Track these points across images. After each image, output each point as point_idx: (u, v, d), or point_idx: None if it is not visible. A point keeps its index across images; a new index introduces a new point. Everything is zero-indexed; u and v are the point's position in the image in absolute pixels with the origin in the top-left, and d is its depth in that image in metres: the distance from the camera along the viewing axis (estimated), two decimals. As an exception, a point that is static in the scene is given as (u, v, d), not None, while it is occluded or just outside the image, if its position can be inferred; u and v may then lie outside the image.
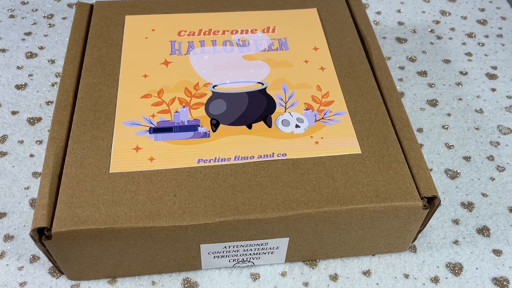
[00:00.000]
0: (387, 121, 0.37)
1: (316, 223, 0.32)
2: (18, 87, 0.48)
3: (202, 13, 0.45)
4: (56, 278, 0.36)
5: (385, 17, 0.58)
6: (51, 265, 0.36)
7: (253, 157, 0.34)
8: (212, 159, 0.34)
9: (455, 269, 0.37)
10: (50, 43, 0.53)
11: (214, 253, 0.34)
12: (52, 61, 0.51)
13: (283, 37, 0.43)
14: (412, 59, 0.53)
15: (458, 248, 0.38)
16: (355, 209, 0.32)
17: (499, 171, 0.43)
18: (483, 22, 0.58)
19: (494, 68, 0.53)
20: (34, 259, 0.36)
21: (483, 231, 0.39)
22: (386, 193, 0.32)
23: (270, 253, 0.35)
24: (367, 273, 0.37)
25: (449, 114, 0.48)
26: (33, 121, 0.45)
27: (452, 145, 0.45)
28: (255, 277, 0.36)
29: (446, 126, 0.47)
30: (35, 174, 0.41)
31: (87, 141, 0.34)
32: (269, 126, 0.36)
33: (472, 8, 0.60)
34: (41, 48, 0.52)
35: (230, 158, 0.34)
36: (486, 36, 0.56)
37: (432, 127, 0.47)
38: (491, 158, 0.44)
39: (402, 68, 0.52)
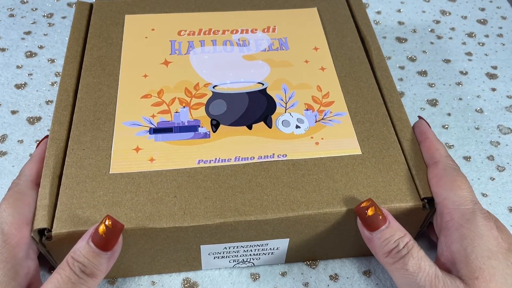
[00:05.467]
0: (387, 121, 0.37)
1: (316, 224, 0.32)
2: (18, 86, 0.48)
3: (202, 13, 0.45)
4: (56, 278, 0.36)
5: (385, 17, 0.58)
6: (51, 265, 0.36)
7: (254, 157, 0.34)
8: (212, 160, 0.34)
9: (455, 269, 0.37)
10: (50, 43, 0.53)
11: (214, 253, 0.34)
12: (52, 61, 0.51)
13: (283, 37, 0.43)
14: (412, 59, 0.53)
15: (458, 248, 0.38)
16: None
17: (499, 171, 0.43)
18: (483, 22, 0.58)
19: (494, 67, 0.53)
20: (34, 259, 0.36)
21: (483, 231, 0.39)
22: (386, 194, 0.32)
23: (270, 253, 0.35)
24: (367, 273, 0.37)
25: (449, 114, 0.48)
26: (32, 120, 0.45)
27: (452, 145, 0.45)
28: (255, 277, 0.36)
29: (446, 126, 0.47)
30: (35, 174, 0.41)
31: (87, 141, 0.34)
32: (270, 126, 0.36)
33: (472, 8, 0.60)
34: (41, 47, 0.52)
35: (231, 159, 0.34)
36: (487, 36, 0.56)
37: (432, 127, 0.47)
38: (491, 158, 0.44)
39: (402, 68, 0.52)
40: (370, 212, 0.30)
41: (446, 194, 0.31)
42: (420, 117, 0.36)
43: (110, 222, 0.28)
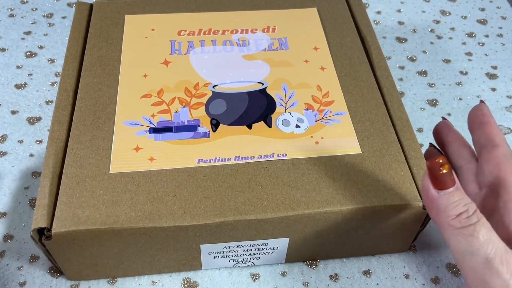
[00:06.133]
0: (387, 121, 0.37)
1: (316, 224, 0.32)
2: (18, 86, 0.48)
3: (202, 13, 0.45)
4: (56, 278, 0.36)
5: (385, 17, 0.58)
6: (51, 265, 0.36)
7: (253, 157, 0.34)
8: (212, 159, 0.34)
9: (455, 269, 0.37)
10: (49, 43, 0.53)
11: (214, 253, 0.34)
12: (52, 61, 0.51)
13: (283, 36, 0.43)
14: (412, 59, 0.53)
15: (458, 248, 0.38)
16: (355, 209, 0.32)
17: (499, 171, 0.43)
18: (483, 22, 0.58)
19: (494, 67, 0.53)
20: (33, 259, 0.36)
21: (483, 231, 0.39)
22: (386, 193, 0.32)
23: (270, 253, 0.35)
24: (367, 273, 0.37)
25: (449, 114, 0.48)
26: (32, 120, 0.45)
27: (452, 145, 0.45)
28: (255, 277, 0.36)
29: (446, 126, 0.47)
30: (35, 174, 0.41)
31: (87, 141, 0.34)
32: (269, 126, 0.36)
33: (472, 8, 0.60)
34: (41, 47, 0.52)
35: (230, 158, 0.34)
36: (486, 36, 0.56)
37: (432, 127, 0.46)
38: (491, 158, 0.44)
39: (402, 68, 0.52)
40: (444, 169, 0.28)
41: (507, 177, 0.31)
42: (482, 101, 0.36)
43: None
